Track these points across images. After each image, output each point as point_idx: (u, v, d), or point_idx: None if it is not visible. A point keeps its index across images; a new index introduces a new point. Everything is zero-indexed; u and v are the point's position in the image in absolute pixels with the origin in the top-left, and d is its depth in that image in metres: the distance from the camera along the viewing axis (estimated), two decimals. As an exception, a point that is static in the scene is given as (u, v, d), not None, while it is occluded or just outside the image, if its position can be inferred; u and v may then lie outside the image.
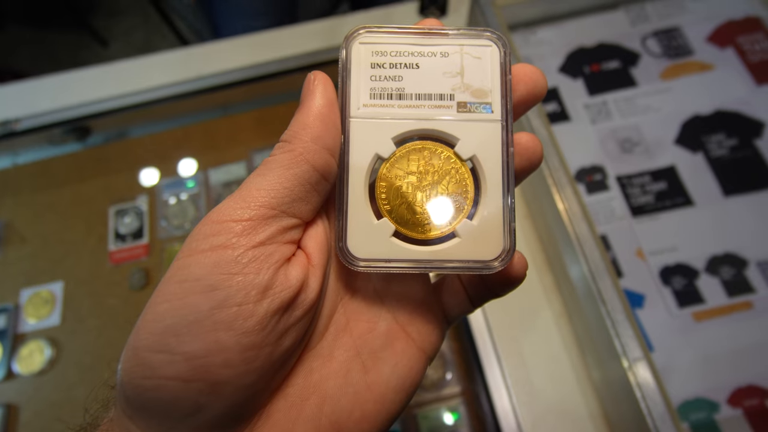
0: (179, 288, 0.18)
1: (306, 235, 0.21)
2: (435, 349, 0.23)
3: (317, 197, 0.21)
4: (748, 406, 0.46)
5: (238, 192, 0.20)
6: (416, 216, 0.22)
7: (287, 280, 0.19)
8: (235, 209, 0.19)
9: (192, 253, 0.18)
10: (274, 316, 0.18)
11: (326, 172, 0.20)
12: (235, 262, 0.18)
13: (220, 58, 0.70)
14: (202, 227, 0.19)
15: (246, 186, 0.20)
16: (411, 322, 0.23)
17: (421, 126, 0.22)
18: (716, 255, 0.52)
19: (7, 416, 0.54)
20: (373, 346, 0.22)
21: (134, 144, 0.70)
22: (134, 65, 0.71)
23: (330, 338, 0.22)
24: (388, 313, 0.23)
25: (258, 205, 0.19)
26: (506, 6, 0.60)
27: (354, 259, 0.21)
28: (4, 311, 0.59)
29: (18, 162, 0.69)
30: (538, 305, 0.54)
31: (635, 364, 0.41)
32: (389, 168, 0.22)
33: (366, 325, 0.23)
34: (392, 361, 0.22)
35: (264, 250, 0.19)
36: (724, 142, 0.57)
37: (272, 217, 0.19)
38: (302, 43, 0.70)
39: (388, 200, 0.22)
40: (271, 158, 0.20)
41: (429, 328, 0.23)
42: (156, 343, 0.17)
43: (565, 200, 0.48)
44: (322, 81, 0.21)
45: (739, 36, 0.62)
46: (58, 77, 0.71)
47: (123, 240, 0.62)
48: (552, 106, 0.61)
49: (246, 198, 0.19)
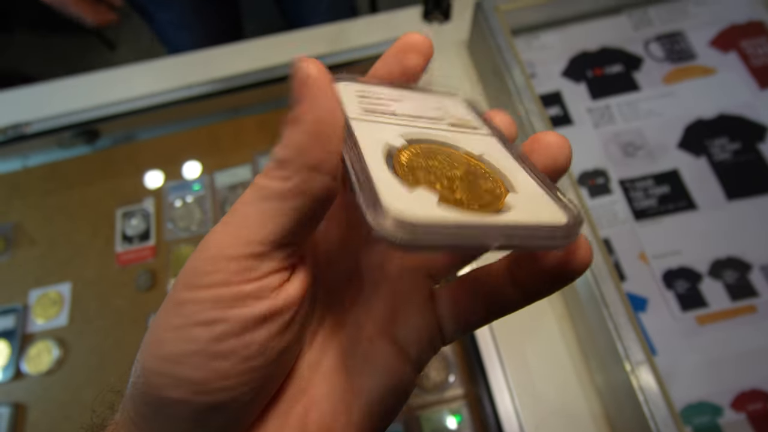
0: (177, 322, 0.18)
1: None
2: (424, 359, 0.22)
3: (317, 223, 0.19)
4: (752, 411, 0.46)
5: (231, 221, 0.18)
6: (455, 195, 0.17)
7: (287, 301, 0.19)
8: (230, 247, 0.18)
9: (190, 288, 0.18)
10: (275, 339, 0.18)
11: (328, 199, 0.18)
12: (232, 298, 0.18)
13: (226, 62, 0.71)
14: (197, 263, 0.18)
15: (238, 217, 0.18)
16: (400, 332, 0.22)
17: (422, 134, 0.21)
18: (719, 259, 0.52)
19: (16, 415, 0.55)
20: (360, 356, 0.21)
21: (141, 147, 0.71)
22: (142, 69, 0.73)
23: (316, 348, 0.22)
24: (376, 322, 0.22)
25: (253, 242, 0.18)
26: (509, 11, 0.60)
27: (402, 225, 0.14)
28: (12, 311, 0.60)
29: (28, 164, 0.70)
30: (541, 308, 0.54)
31: (638, 368, 0.41)
32: (407, 156, 0.19)
33: (353, 332, 0.22)
34: (380, 367, 0.21)
35: (262, 283, 0.18)
36: (728, 146, 0.57)
37: (268, 252, 0.18)
38: (308, 47, 0.71)
39: (417, 180, 0.17)
40: (265, 183, 0.18)
41: (420, 339, 0.22)
42: (160, 367, 0.17)
43: (567, 204, 0.48)
44: (319, 77, 0.17)
45: (743, 40, 0.62)
46: (67, 81, 0.72)
47: (130, 242, 0.63)
48: (555, 110, 0.62)
49: (240, 234, 0.18)
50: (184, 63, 0.72)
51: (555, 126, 0.60)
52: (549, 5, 0.63)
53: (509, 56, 0.56)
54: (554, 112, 0.61)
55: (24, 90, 0.72)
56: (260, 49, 0.72)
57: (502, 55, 0.56)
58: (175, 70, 0.72)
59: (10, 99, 0.72)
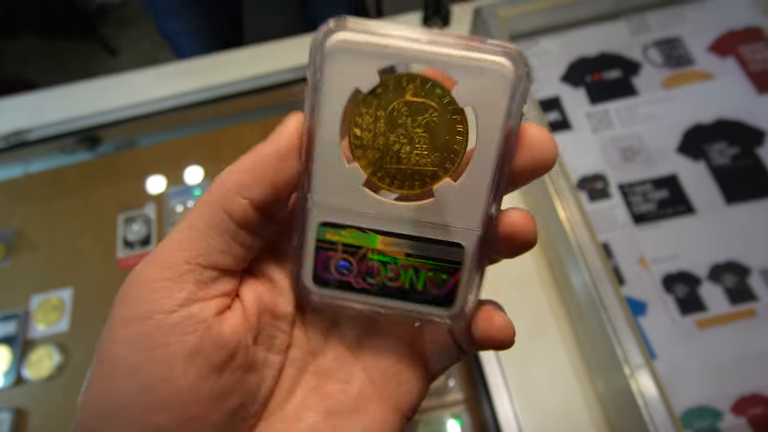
0: (104, 370, 0.17)
1: (246, 286, 0.20)
2: (413, 407, 0.21)
3: (239, 249, 0.19)
4: (752, 415, 0.46)
5: (157, 246, 0.18)
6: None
7: (219, 340, 0.17)
8: (150, 268, 0.17)
9: (115, 323, 0.17)
10: (206, 382, 0.17)
11: (243, 223, 0.18)
12: (156, 333, 0.17)
13: (227, 68, 0.72)
14: (125, 287, 0.18)
15: (165, 239, 0.18)
16: (386, 383, 0.21)
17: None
18: (718, 263, 0.52)
19: (17, 421, 0.55)
20: (344, 408, 0.20)
21: (143, 153, 0.71)
22: (143, 76, 0.73)
23: (297, 400, 0.20)
24: (362, 372, 0.21)
25: (170, 261, 0.17)
26: (508, 17, 0.61)
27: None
28: (14, 317, 0.60)
29: (30, 171, 0.71)
30: (541, 313, 0.54)
31: (637, 372, 0.41)
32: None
33: (338, 385, 0.21)
34: (363, 423, 0.20)
35: (186, 312, 0.17)
36: (726, 151, 0.57)
37: (188, 272, 0.17)
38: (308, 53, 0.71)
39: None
40: (196, 203, 0.19)
41: (407, 388, 0.21)
42: (94, 425, 0.17)
43: (566, 208, 0.48)
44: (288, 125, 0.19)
45: (741, 45, 0.63)
46: (69, 88, 0.73)
47: (131, 247, 0.63)
48: (553, 114, 0.62)
49: (161, 253, 0.18)
50: (186, 69, 0.73)
51: (554, 131, 0.61)
52: (548, 11, 0.64)
53: (508, 62, 0.56)
54: (553, 117, 0.62)
55: (26, 96, 0.73)
56: (262, 54, 0.73)
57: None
58: (177, 76, 0.72)
59: (13, 105, 0.73)
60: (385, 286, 0.20)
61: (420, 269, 0.19)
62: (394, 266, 0.20)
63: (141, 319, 0.17)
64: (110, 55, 1.74)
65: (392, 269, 0.20)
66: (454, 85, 0.18)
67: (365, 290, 0.20)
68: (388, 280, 0.20)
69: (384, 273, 0.20)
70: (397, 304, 0.20)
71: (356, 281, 0.20)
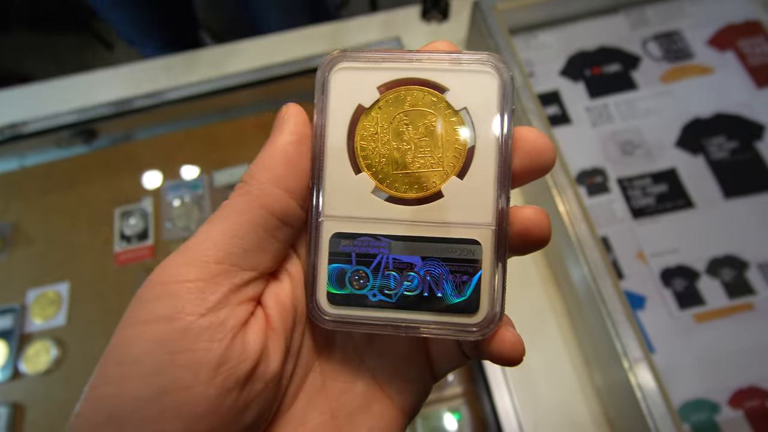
0: (117, 371, 0.15)
1: (267, 290, 0.19)
2: (416, 408, 0.21)
3: (277, 245, 0.18)
4: (749, 408, 0.46)
5: (186, 243, 0.17)
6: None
7: (244, 351, 0.16)
8: (180, 267, 0.16)
9: (133, 323, 0.16)
10: (229, 395, 0.16)
11: (286, 217, 0.18)
12: (181, 336, 0.15)
13: (223, 61, 0.71)
14: (145, 290, 0.16)
15: (195, 236, 0.17)
16: (391, 382, 0.21)
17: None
18: (717, 257, 0.52)
19: (14, 415, 0.54)
20: (349, 409, 0.20)
21: (139, 146, 0.71)
22: (139, 69, 0.72)
23: (303, 401, 0.20)
24: (367, 372, 0.21)
25: (204, 261, 0.16)
26: (507, 10, 0.60)
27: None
28: (10, 311, 0.60)
29: (25, 164, 0.70)
30: (540, 306, 0.54)
31: (636, 365, 0.41)
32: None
33: (343, 385, 0.20)
34: (369, 424, 0.20)
35: (215, 318, 0.16)
36: (725, 145, 0.57)
37: (222, 274, 0.17)
38: (305, 46, 0.71)
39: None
40: (227, 201, 0.18)
41: (411, 388, 0.21)
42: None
43: (566, 202, 0.48)
44: (293, 114, 0.19)
45: (740, 39, 0.63)
46: (65, 81, 0.72)
47: (128, 241, 0.63)
48: (553, 109, 0.62)
49: (192, 252, 0.17)
50: (182, 62, 0.72)
51: (553, 125, 0.61)
52: (547, 4, 0.63)
53: (507, 55, 0.56)
54: (552, 111, 0.61)
55: (21, 89, 0.72)
56: (258, 48, 0.72)
57: (500, 54, 0.56)
58: (173, 69, 0.72)
59: (8, 98, 0.72)
60: (405, 297, 0.19)
61: (438, 272, 0.19)
62: (411, 273, 0.19)
63: (165, 321, 0.16)
64: (106, 48, 1.72)
65: (410, 276, 0.19)
66: (447, 93, 0.20)
67: (383, 304, 0.19)
68: (407, 289, 0.19)
69: (402, 281, 0.19)
70: (419, 317, 0.19)
71: (373, 294, 0.19)
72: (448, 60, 0.20)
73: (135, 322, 0.16)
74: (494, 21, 0.58)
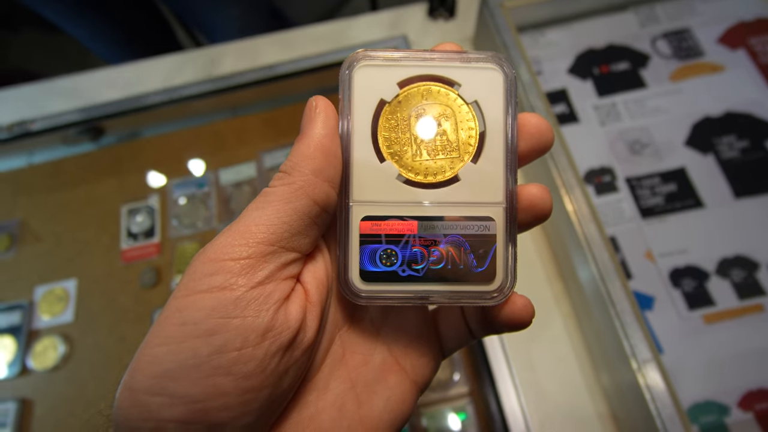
0: (178, 331, 0.17)
1: (305, 269, 0.21)
2: (427, 381, 0.23)
3: (317, 230, 0.21)
4: (759, 410, 0.46)
5: (235, 225, 0.19)
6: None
7: (287, 320, 0.19)
8: (233, 247, 0.18)
9: (190, 293, 0.18)
10: (273, 358, 0.18)
11: (327, 204, 0.20)
12: (233, 305, 0.18)
13: (229, 60, 0.71)
14: (199, 265, 0.18)
15: (244, 220, 0.19)
16: (406, 355, 0.23)
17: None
18: (727, 257, 0.52)
19: (22, 411, 0.55)
20: (367, 379, 0.22)
21: (146, 144, 0.71)
22: (146, 67, 0.73)
23: (326, 370, 0.22)
24: (383, 345, 0.23)
25: (256, 242, 0.19)
26: (515, 8, 0.60)
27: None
28: (19, 308, 0.60)
29: (33, 162, 0.71)
30: (547, 306, 0.54)
31: (644, 366, 0.41)
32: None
33: (361, 357, 0.23)
34: (385, 394, 0.22)
35: (263, 290, 0.18)
36: (735, 144, 0.57)
37: (271, 254, 0.19)
38: (311, 45, 0.71)
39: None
40: (270, 190, 0.20)
41: (423, 361, 0.23)
42: (154, 386, 0.17)
43: (574, 202, 0.48)
44: (324, 108, 0.21)
45: (751, 37, 0.62)
46: (72, 79, 0.72)
47: (135, 239, 0.63)
48: (561, 107, 0.61)
49: (244, 234, 0.19)
50: (188, 61, 0.72)
51: (561, 123, 0.60)
52: (555, 2, 0.63)
53: (515, 53, 0.55)
54: (560, 110, 0.61)
55: (29, 87, 0.73)
56: (264, 47, 0.72)
57: (507, 52, 0.56)
58: (180, 67, 0.72)
59: (15, 96, 0.72)
60: (430, 271, 0.21)
61: (459, 247, 0.21)
62: (435, 249, 0.21)
63: (220, 290, 0.18)
64: (112, 47, 1.73)
65: (434, 252, 0.21)
66: (459, 88, 0.22)
67: (412, 278, 0.21)
68: (433, 263, 0.21)
69: (428, 257, 0.21)
70: (444, 288, 0.21)
71: (402, 270, 0.21)
72: (458, 58, 0.22)
73: (192, 291, 0.18)
74: (502, 19, 0.58)
